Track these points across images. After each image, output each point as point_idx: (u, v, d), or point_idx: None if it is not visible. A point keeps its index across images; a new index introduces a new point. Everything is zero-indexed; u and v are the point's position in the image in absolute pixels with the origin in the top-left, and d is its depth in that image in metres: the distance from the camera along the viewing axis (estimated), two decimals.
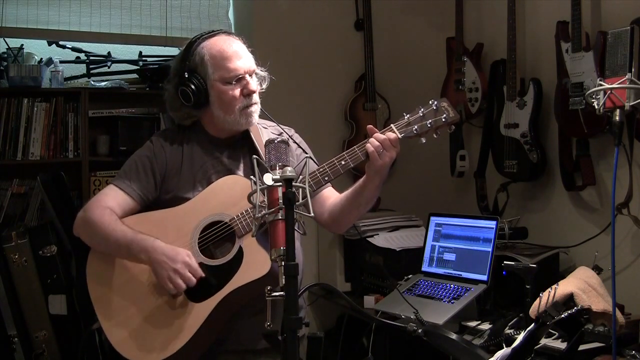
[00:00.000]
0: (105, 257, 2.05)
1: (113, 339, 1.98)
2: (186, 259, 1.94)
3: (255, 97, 2.09)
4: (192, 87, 2.05)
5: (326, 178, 2.01)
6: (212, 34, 2.12)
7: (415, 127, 2.00)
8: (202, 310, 1.95)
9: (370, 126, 2.02)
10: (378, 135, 1.98)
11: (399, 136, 1.99)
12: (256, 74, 2.12)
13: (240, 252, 1.97)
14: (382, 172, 1.99)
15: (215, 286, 1.95)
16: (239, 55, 2.07)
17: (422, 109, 2.02)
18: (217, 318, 1.96)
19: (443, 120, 2.01)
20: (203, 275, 1.95)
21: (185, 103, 2.08)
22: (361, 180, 2.05)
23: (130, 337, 1.97)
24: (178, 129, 2.19)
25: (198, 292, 1.96)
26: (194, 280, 1.93)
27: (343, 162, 2.00)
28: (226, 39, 2.11)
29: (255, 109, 2.10)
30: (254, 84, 2.09)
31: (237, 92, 2.05)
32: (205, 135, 2.15)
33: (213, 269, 1.98)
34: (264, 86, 2.17)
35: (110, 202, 2.06)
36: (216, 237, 2.02)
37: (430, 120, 2.01)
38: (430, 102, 2.03)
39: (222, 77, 2.05)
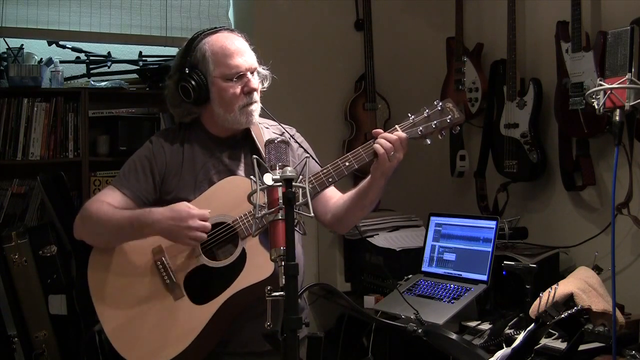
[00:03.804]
0: (106, 259, 2.04)
1: (115, 342, 1.97)
2: (191, 212, 1.92)
3: (256, 96, 2.07)
4: (193, 83, 2.03)
5: (330, 180, 1.99)
6: (214, 30, 2.09)
7: (421, 128, 1.99)
8: (205, 313, 1.93)
9: (375, 130, 1.99)
10: (389, 135, 1.95)
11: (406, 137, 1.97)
12: (258, 72, 2.10)
13: (243, 254, 1.95)
14: (388, 173, 1.98)
15: (219, 288, 1.94)
16: (241, 53, 2.05)
17: (427, 110, 2.01)
18: (220, 320, 1.95)
19: (448, 120, 2.01)
20: (208, 215, 1.94)
21: (186, 99, 2.06)
22: (365, 181, 2.04)
23: (132, 340, 1.96)
24: (179, 129, 2.17)
25: (201, 294, 1.95)
26: (208, 225, 1.93)
27: (347, 164, 1.98)
28: (228, 35, 2.08)
29: (256, 108, 2.07)
30: (255, 81, 2.06)
31: (237, 89, 2.03)
32: (206, 135, 2.14)
33: (216, 270, 1.97)
34: (266, 85, 2.14)
35: (109, 200, 2.04)
36: (219, 238, 2.00)
37: (435, 121, 2.00)
38: (435, 103, 2.02)
39: (223, 74, 2.03)
